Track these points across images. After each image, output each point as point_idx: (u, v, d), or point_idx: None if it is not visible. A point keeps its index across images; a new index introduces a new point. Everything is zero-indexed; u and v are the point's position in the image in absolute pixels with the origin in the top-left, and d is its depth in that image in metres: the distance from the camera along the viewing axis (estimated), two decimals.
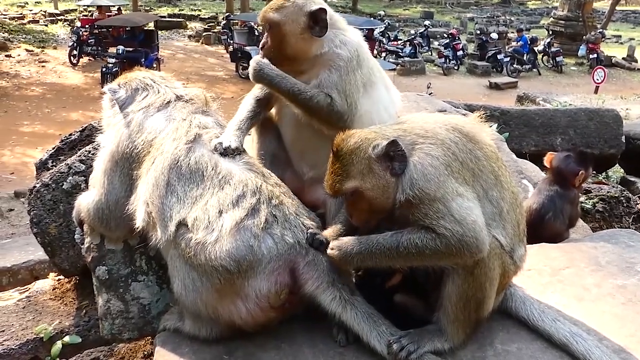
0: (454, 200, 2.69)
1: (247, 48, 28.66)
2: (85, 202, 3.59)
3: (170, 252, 3.11)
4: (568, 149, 4.65)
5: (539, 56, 35.20)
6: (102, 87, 3.78)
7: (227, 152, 3.20)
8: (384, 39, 35.28)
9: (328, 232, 3.07)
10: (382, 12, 46.37)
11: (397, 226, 2.81)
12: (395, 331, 2.91)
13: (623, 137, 8.79)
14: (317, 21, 3.29)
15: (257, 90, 3.59)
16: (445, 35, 36.41)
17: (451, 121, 2.94)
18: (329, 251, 2.90)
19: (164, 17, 41.16)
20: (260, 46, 3.42)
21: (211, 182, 3.08)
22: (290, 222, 3.06)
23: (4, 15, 39.24)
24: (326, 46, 3.32)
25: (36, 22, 38.32)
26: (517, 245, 2.96)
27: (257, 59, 3.34)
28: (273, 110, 3.63)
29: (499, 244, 2.82)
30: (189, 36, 38.37)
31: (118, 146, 3.41)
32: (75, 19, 38.36)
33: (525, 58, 33.79)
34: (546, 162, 4.58)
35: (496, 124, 7.68)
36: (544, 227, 4.26)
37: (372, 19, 38.29)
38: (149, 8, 45.98)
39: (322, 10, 3.29)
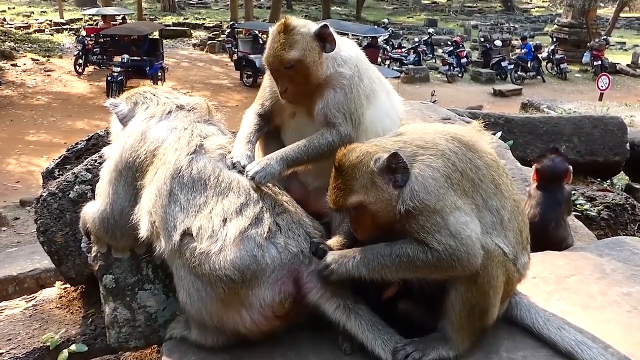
0: (452, 213, 2.71)
1: (252, 56, 28.73)
2: (90, 212, 3.61)
3: (175, 262, 3.12)
4: (542, 155, 4.63)
5: (543, 63, 35.15)
6: (108, 96, 3.81)
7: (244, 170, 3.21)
8: (387, 47, 35.32)
9: (332, 242, 3.09)
10: (386, 20, 46.35)
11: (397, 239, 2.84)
12: (400, 339, 2.93)
13: (628, 145, 8.76)
14: (324, 39, 3.31)
15: (257, 106, 3.61)
16: (449, 43, 36.44)
17: (450, 131, 2.95)
18: (320, 267, 2.92)
19: (169, 25, 41.31)
20: (282, 94, 3.33)
21: (214, 190, 3.10)
22: (294, 231, 3.08)
23: (10, 24, 39.40)
24: (330, 66, 3.33)
25: (42, 31, 38.46)
26: (520, 253, 2.97)
27: (249, 176, 3.19)
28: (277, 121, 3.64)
29: (501, 251, 2.83)
30: (194, 45, 38.45)
31: (122, 156, 3.44)
32: (80, 28, 38.46)
33: (529, 65, 33.76)
34: (533, 176, 4.55)
35: (500, 132, 7.68)
36: (548, 237, 4.25)
37: (376, 26, 38.25)
38: (153, 17, 46.13)
39: (325, 27, 3.30)
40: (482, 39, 37.37)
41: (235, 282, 2.90)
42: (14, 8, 47.46)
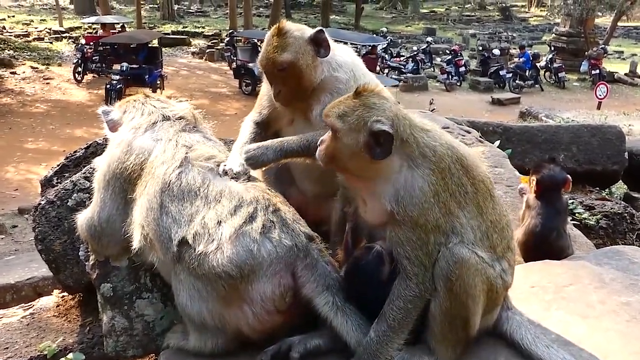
0: (432, 232, 2.76)
1: (251, 65, 28.70)
2: (80, 219, 3.68)
3: (175, 268, 3.15)
4: (540, 165, 4.61)
5: (541, 72, 35.18)
6: (106, 104, 3.84)
7: (237, 177, 3.23)
8: (386, 56, 35.37)
9: None
10: (384, 29, 46.48)
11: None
12: None
13: (626, 154, 8.79)
14: (319, 44, 3.32)
15: (255, 114, 3.63)
16: (448, 52, 36.47)
17: (457, 151, 2.91)
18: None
19: (168, 34, 41.36)
20: (275, 97, 3.38)
21: (206, 199, 3.14)
22: (288, 226, 3.11)
23: (10, 32, 39.47)
24: (325, 70, 3.36)
25: (41, 39, 38.49)
26: (494, 261, 2.92)
27: (243, 156, 3.26)
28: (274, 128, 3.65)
29: (479, 258, 2.80)
30: (193, 53, 38.49)
31: (109, 166, 3.49)
32: (79, 36, 38.49)
33: (527, 74, 33.79)
34: (533, 188, 4.54)
35: (499, 140, 7.70)
36: (549, 247, 4.23)
37: (374, 35, 38.37)
38: (152, 25, 46.22)
39: (321, 32, 3.34)
40: (481, 48, 37.48)
41: (234, 278, 2.94)
42: (13, 16, 47.55)
